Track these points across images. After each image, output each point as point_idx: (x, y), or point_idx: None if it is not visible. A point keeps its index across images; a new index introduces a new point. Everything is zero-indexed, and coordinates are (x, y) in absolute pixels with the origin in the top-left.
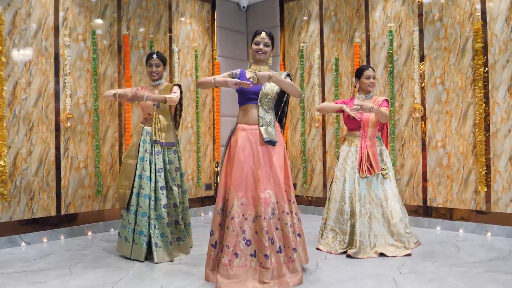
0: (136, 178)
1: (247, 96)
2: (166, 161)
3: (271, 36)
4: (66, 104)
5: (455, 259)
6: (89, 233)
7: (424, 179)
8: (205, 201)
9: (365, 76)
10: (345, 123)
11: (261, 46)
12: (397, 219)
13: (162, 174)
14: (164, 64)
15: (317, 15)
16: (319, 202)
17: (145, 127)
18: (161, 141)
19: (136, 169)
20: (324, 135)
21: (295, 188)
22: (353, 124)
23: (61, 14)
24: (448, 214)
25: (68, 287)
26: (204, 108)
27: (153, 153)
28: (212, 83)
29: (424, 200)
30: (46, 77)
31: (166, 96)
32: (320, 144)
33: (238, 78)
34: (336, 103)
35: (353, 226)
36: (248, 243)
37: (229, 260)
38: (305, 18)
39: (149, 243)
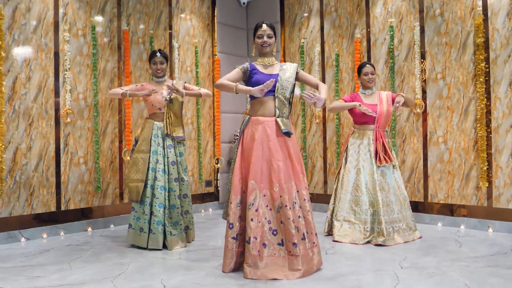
0: (150, 171)
1: None
2: (177, 154)
3: (272, 27)
4: (66, 99)
5: (457, 254)
6: (89, 229)
7: (425, 175)
8: (205, 197)
9: (363, 73)
10: (356, 117)
11: (265, 38)
12: (406, 205)
13: (175, 166)
14: (167, 61)
15: (317, 11)
16: (320, 199)
17: (155, 122)
18: (172, 134)
19: (149, 162)
20: (324, 132)
21: None
22: (367, 117)
23: (61, 9)
24: (449, 210)
25: (67, 282)
26: (204, 105)
27: (165, 147)
28: (234, 90)
29: (425, 196)
30: (46, 72)
31: (202, 91)
32: (321, 140)
33: (249, 72)
34: (344, 100)
35: (374, 215)
36: (275, 232)
37: (258, 251)
38: (306, 14)
39: (164, 231)
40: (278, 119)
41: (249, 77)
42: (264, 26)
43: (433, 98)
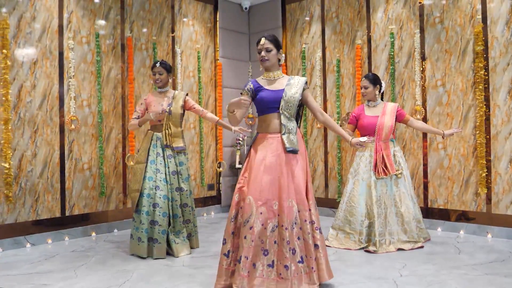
0: (147, 180)
1: (269, 106)
2: (177, 164)
3: (271, 39)
4: (70, 106)
5: (455, 261)
6: (93, 234)
7: (425, 180)
8: (208, 201)
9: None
10: (359, 130)
11: (263, 53)
12: (410, 217)
13: (175, 176)
14: (168, 71)
15: (318, 16)
16: (321, 203)
17: (155, 133)
18: (172, 145)
19: (146, 171)
20: (325, 136)
21: None
22: (368, 130)
23: (65, 16)
24: (449, 215)
25: None
26: (206, 109)
27: (165, 156)
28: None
29: (425, 201)
30: (51, 79)
31: (208, 115)
32: (322, 145)
33: (254, 90)
34: (350, 120)
35: (370, 227)
36: (266, 253)
37: (248, 272)
38: (307, 19)
39: (167, 240)
40: (284, 136)
41: (255, 95)
42: (262, 40)
43: (433, 104)
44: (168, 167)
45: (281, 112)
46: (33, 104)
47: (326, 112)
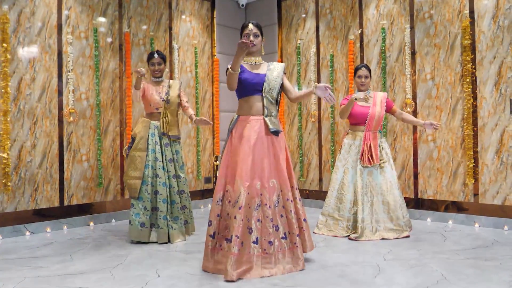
0: (150, 169)
1: (252, 88)
2: (174, 152)
3: (258, 26)
4: (69, 99)
5: (440, 247)
6: (91, 223)
7: (415, 172)
8: (205, 194)
9: (357, 75)
10: (350, 118)
11: (251, 37)
12: (396, 205)
13: (172, 164)
14: (165, 61)
15: (313, 12)
16: (315, 195)
17: (152, 121)
18: (168, 133)
19: (147, 160)
20: (320, 130)
21: None
22: (359, 119)
23: (64, 12)
24: (438, 206)
25: (69, 271)
26: (203, 104)
27: (162, 145)
28: (234, 72)
29: (415, 192)
30: (50, 73)
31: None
32: (316, 138)
33: (240, 72)
34: (342, 104)
35: (356, 213)
36: (250, 231)
37: (238, 250)
38: (303, 15)
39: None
40: (267, 118)
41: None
42: (250, 26)
43: (423, 97)
44: (165, 155)
45: (264, 95)
46: (33, 97)
47: (320, 107)
